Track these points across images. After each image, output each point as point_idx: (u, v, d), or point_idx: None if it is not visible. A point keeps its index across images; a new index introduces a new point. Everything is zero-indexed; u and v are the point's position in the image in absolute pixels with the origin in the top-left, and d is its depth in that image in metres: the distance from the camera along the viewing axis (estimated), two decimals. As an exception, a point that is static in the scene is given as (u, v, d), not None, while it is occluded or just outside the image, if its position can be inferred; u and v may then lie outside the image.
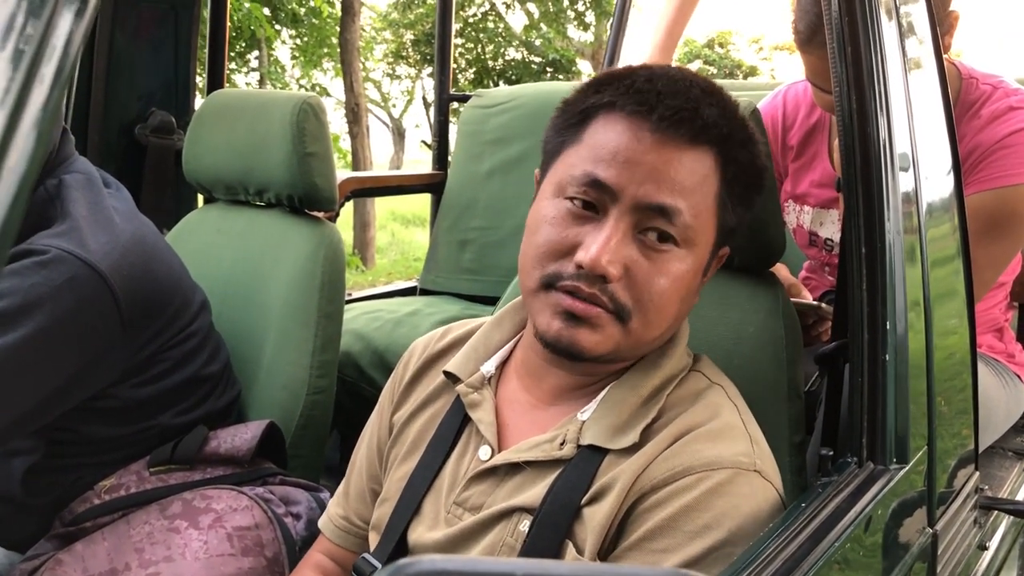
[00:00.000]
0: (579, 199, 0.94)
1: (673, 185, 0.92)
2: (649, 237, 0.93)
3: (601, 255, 0.90)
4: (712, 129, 0.94)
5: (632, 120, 0.94)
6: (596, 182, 0.93)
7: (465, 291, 2.49)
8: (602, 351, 0.95)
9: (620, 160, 0.93)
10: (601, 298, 0.92)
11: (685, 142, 0.93)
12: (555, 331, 0.94)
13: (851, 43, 1.11)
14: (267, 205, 1.77)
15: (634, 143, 0.93)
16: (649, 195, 0.92)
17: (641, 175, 0.92)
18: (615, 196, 0.93)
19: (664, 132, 0.93)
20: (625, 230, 0.92)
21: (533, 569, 0.39)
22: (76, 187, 1.32)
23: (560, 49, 17.08)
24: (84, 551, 1.33)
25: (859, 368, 1.11)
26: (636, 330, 0.95)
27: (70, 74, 0.40)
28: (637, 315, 0.94)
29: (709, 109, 0.95)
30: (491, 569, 0.39)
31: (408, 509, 1.04)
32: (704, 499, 0.89)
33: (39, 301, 1.20)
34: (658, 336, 0.99)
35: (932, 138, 1.28)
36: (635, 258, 0.93)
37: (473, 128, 2.62)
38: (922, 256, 1.19)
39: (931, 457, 1.21)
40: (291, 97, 1.71)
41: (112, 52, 2.07)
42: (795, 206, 1.86)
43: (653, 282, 0.93)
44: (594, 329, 0.93)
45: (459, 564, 0.39)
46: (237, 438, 1.45)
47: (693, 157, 0.94)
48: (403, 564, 0.40)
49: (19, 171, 0.35)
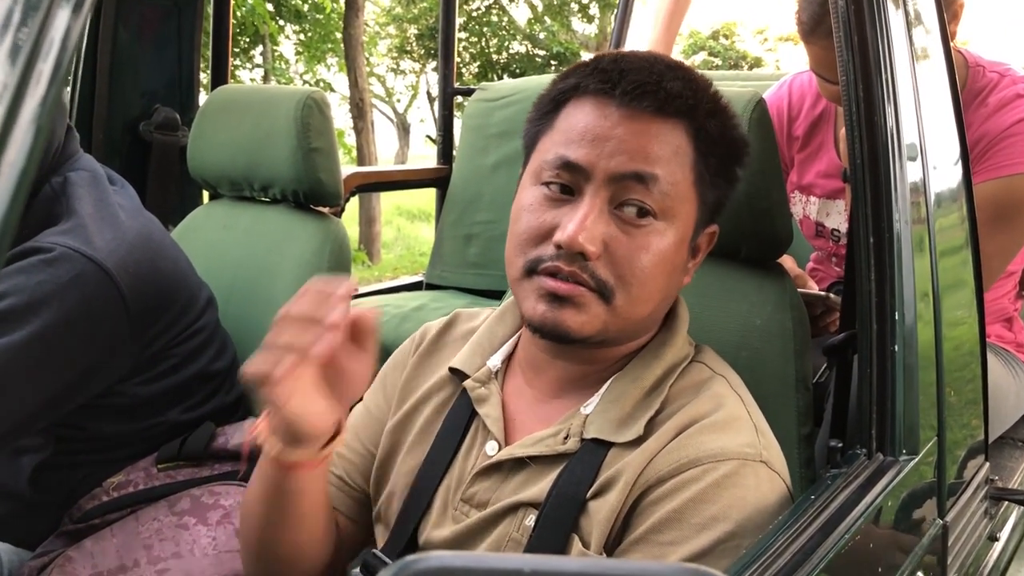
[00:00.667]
0: (554, 183, 0.95)
1: (646, 154, 0.93)
2: (626, 212, 0.94)
3: (578, 232, 0.91)
4: (676, 100, 0.95)
5: (598, 98, 0.96)
6: (568, 163, 0.94)
7: (471, 285, 2.49)
8: (589, 331, 0.94)
9: (589, 139, 0.94)
10: (581, 275, 0.92)
11: (651, 114, 0.94)
12: (540, 314, 0.94)
13: (857, 32, 1.10)
14: (272, 201, 1.77)
15: (601, 120, 0.94)
16: (621, 165, 0.93)
17: (610, 149, 0.93)
18: (587, 174, 0.93)
19: (629, 106, 0.94)
20: (601, 207, 0.93)
21: (540, 566, 0.38)
22: (81, 184, 1.32)
23: (564, 42, 17.04)
24: (93, 548, 1.34)
25: (868, 359, 1.10)
26: (621, 307, 0.94)
27: (68, 70, 0.40)
28: (620, 292, 0.94)
29: (673, 82, 0.95)
30: (498, 566, 0.39)
31: (418, 506, 1.04)
32: (710, 491, 0.89)
33: (45, 299, 1.20)
34: (647, 315, 0.98)
35: (940, 127, 1.27)
36: (614, 234, 0.93)
37: (478, 122, 2.62)
38: (931, 246, 1.19)
39: (941, 448, 1.20)
40: (295, 92, 1.71)
41: (116, 49, 2.07)
42: (801, 197, 1.86)
43: (634, 257, 0.93)
44: (578, 309, 0.93)
45: (465, 560, 0.39)
46: (245, 434, 1.45)
47: (662, 129, 0.95)
48: (410, 561, 0.40)
49: (18, 166, 0.35)
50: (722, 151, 0.99)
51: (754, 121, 1.18)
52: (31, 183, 0.37)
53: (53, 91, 0.38)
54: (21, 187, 0.35)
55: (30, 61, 0.37)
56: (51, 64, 0.38)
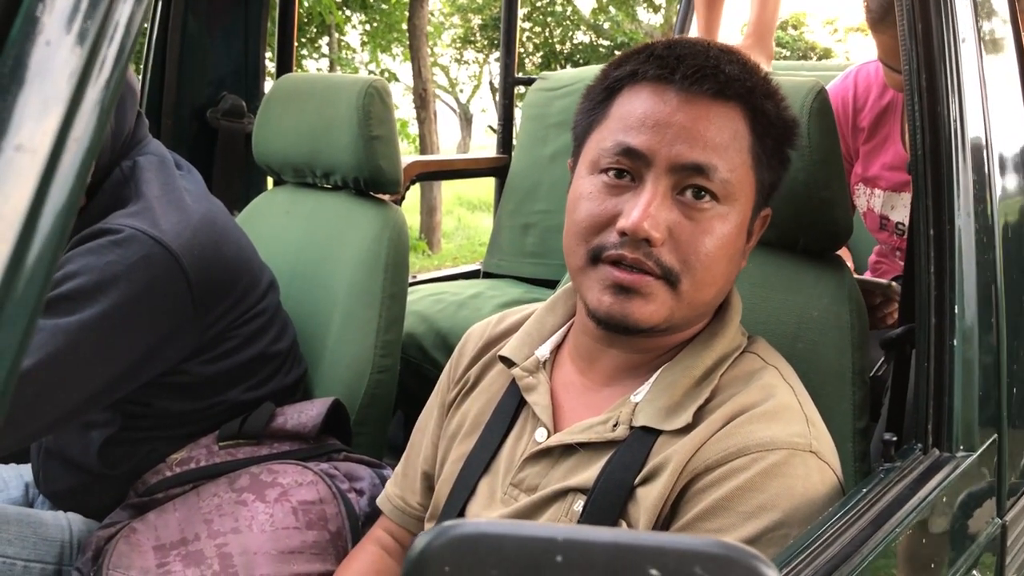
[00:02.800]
0: (613, 169, 0.95)
1: (705, 143, 0.93)
2: (687, 196, 0.94)
3: (643, 219, 0.91)
4: (735, 83, 0.95)
5: (656, 85, 0.96)
6: (628, 150, 0.94)
7: (528, 274, 2.49)
8: (656, 320, 0.94)
9: (649, 125, 0.94)
10: (647, 263, 0.92)
11: (710, 98, 0.94)
12: (607, 306, 0.94)
13: (922, 20, 1.08)
14: (334, 188, 1.80)
15: (660, 105, 0.94)
16: (682, 155, 0.93)
17: (672, 136, 0.93)
18: (648, 161, 0.93)
19: (688, 91, 0.94)
20: (664, 193, 0.93)
21: (574, 534, 0.39)
22: (149, 169, 1.37)
23: (629, 32, 16.91)
24: (156, 521, 1.38)
25: (925, 353, 1.09)
26: (687, 292, 0.94)
27: (130, 54, 0.41)
28: (686, 277, 0.94)
29: (730, 66, 0.96)
30: (533, 533, 0.40)
31: (465, 489, 1.06)
32: (758, 480, 0.89)
33: (114, 279, 1.24)
34: (710, 299, 0.98)
35: (1008, 119, 1.24)
36: (677, 220, 0.93)
37: (537, 111, 2.62)
38: (995, 240, 1.16)
39: (1001, 445, 1.18)
40: (357, 81, 1.73)
41: (184, 38, 2.12)
42: (866, 189, 1.83)
43: (698, 241, 0.93)
44: (646, 299, 0.93)
45: (501, 528, 0.40)
46: (303, 415, 1.48)
47: (720, 113, 0.95)
48: (448, 525, 0.41)
49: (84, 143, 0.37)
50: (778, 132, 1.00)
51: (815, 110, 1.16)
52: (94, 160, 0.39)
53: (117, 74, 0.40)
54: (86, 164, 0.37)
55: (95, 46, 0.40)
56: (115, 49, 0.40)
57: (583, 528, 0.40)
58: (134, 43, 0.42)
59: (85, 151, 0.38)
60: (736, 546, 0.41)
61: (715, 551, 0.40)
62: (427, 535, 0.42)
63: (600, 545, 0.39)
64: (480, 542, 0.40)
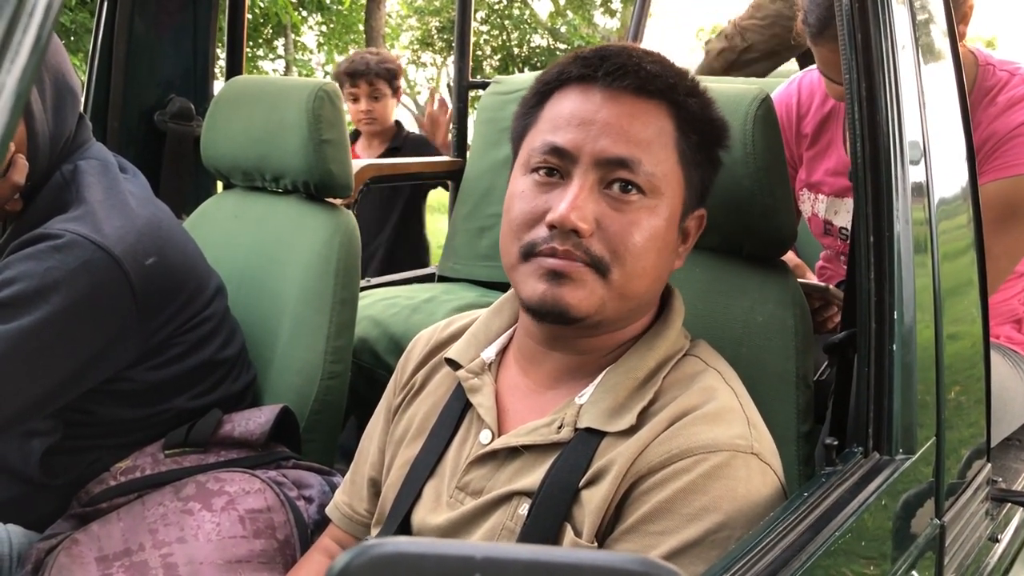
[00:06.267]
0: (543, 168, 0.98)
1: (629, 137, 0.96)
2: (614, 189, 0.96)
3: (570, 211, 0.93)
4: (657, 79, 0.98)
5: (581, 85, 0.99)
6: (555, 148, 0.97)
7: (483, 277, 2.49)
8: (588, 307, 0.96)
9: (575, 123, 0.97)
10: (576, 252, 0.94)
11: (632, 93, 0.97)
12: (540, 293, 0.96)
13: (861, 30, 1.10)
14: (284, 192, 1.79)
15: (586, 104, 0.97)
16: (607, 149, 0.95)
17: (596, 132, 0.96)
18: (574, 158, 0.96)
19: (611, 87, 0.97)
20: (591, 186, 0.95)
21: (492, 552, 0.39)
22: (91, 172, 1.34)
23: (586, 36, 17.00)
24: (100, 531, 1.36)
25: (866, 358, 1.11)
26: (617, 282, 0.96)
27: (48, 40, 0.40)
28: (616, 266, 0.96)
29: (651, 64, 0.99)
30: (451, 552, 0.40)
31: (411, 494, 1.05)
32: (700, 481, 0.90)
33: (54, 284, 1.22)
34: (642, 292, 1.00)
35: (946, 127, 1.26)
36: (605, 211, 0.96)
37: (492, 115, 2.62)
38: (933, 246, 1.18)
39: (940, 448, 1.20)
40: (307, 84, 1.72)
41: (131, 38, 2.09)
42: (810, 194, 1.85)
43: (627, 232, 0.95)
44: (576, 284, 0.95)
45: (420, 546, 0.40)
46: (251, 422, 1.47)
47: (644, 109, 0.98)
48: (368, 545, 0.41)
49: None
50: (703, 129, 1.02)
51: (759, 118, 1.18)
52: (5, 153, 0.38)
53: (33, 62, 0.39)
54: None
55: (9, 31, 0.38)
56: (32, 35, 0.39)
57: (501, 546, 0.40)
58: (51, 29, 0.41)
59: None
60: (656, 562, 0.41)
61: (634, 568, 0.40)
62: (347, 555, 0.42)
63: (518, 563, 0.39)
64: (399, 561, 0.40)
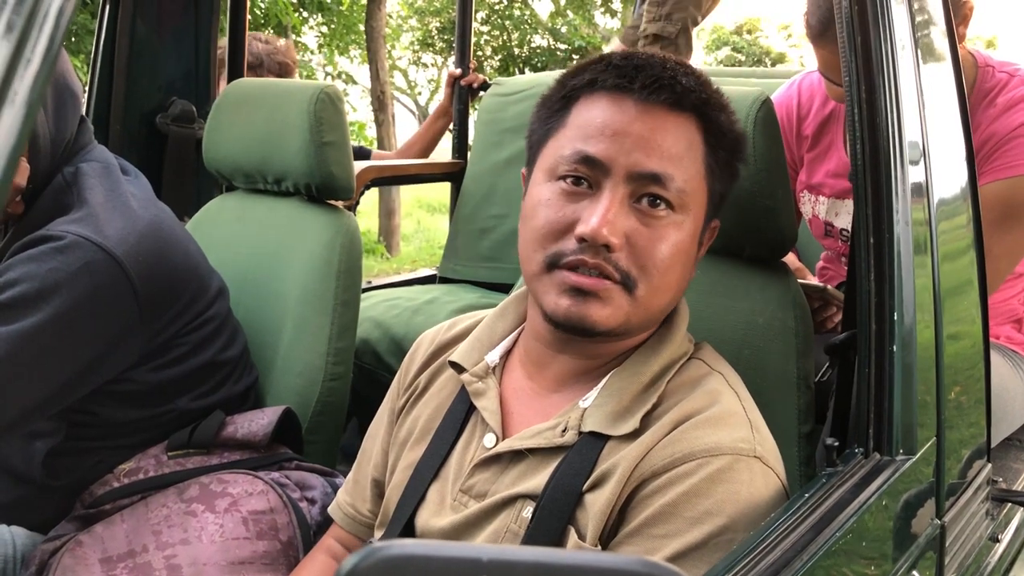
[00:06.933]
0: (572, 176, 0.97)
1: (662, 152, 0.95)
2: (644, 204, 0.96)
3: (602, 225, 0.92)
4: (691, 94, 0.98)
5: (614, 94, 0.97)
6: (587, 158, 0.96)
7: (484, 279, 2.50)
8: (613, 324, 0.96)
9: (608, 134, 0.96)
10: (607, 268, 0.94)
11: (667, 108, 0.96)
12: (564, 308, 0.95)
13: (861, 32, 1.10)
14: (285, 194, 1.79)
15: (619, 115, 0.96)
16: (640, 164, 0.95)
17: (630, 145, 0.95)
18: (607, 169, 0.95)
19: (646, 101, 0.96)
20: (621, 200, 0.95)
21: (499, 554, 0.40)
22: (93, 175, 1.35)
23: (586, 36, 16.98)
24: (103, 533, 1.36)
25: (866, 359, 1.11)
26: (643, 298, 0.96)
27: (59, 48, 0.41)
28: (643, 282, 0.95)
29: (686, 78, 0.98)
30: (457, 554, 0.40)
31: (415, 496, 1.06)
32: (704, 485, 0.90)
33: (56, 286, 1.23)
34: (664, 305, 1.00)
35: (945, 128, 1.27)
36: (634, 226, 0.95)
37: (492, 116, 2.62)
38: (933, 247, 1.19)
39: (940, 448, 1.20)
40: (308, 87, 1.72)
41: (133, 41, 2.09)
42: (810, 196, 1.86)
43: (655, 248, 0.95)
44: (603, 302, 0.95)
45: (427, 549, 0.41)
46: (254, 423, 1.47)
47: (677, 123, 0.97)
48: (376, 547, 0.41)
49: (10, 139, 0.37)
50: (729, 144, 1.02)
51: (760, 120, 1.18)
52: (20, 157, 0.39)
53: (45, 69, 0.39)
54: (12, 161, 0.37)
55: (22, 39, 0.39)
56: (44, 42, 0.39)
57: (507, 548, 0.41)
58: (63, 36, 0.41)
59: (11, 148, 0.37)
60: (658, 564, 0.41)
61: (637, 570, 0.41)
62: (355, 556, 0.42)
63: (524, 565, 0.40)
64: (407, 563, 0.41)
